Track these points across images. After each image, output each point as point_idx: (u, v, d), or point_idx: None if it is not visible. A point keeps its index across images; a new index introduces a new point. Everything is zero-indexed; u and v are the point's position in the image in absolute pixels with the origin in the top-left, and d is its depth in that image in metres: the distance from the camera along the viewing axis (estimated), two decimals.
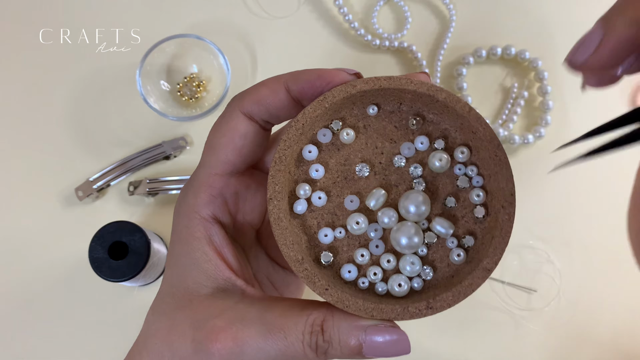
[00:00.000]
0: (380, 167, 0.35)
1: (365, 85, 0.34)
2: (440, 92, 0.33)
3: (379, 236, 0.34)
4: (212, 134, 0.30)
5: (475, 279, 0.32)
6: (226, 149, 0.29)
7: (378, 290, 0.35)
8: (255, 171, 0.32)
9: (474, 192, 0.34)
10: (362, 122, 0.35)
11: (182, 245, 0.29)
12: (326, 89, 0.29)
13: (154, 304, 0.29)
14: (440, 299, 0.34)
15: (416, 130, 0.35)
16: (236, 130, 0.29)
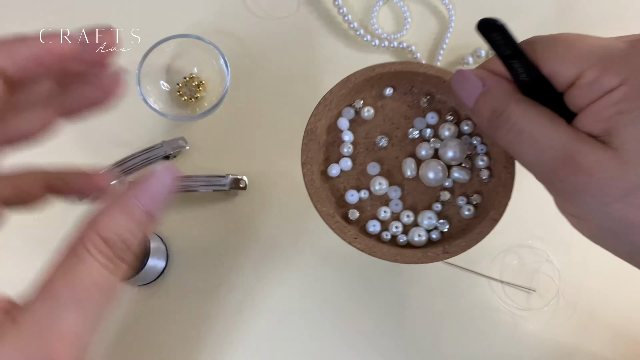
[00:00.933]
0: (397, 139, 0.42)
1: (382, 69, 0.40)
2: (447, 73, 0.40)
3: (398, 196, 0.41)
4: None
5: (484, 227, 0.41)
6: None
7: (400, 241, 0.41)
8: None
9: (479, 157, 0.41)
10: (380, 102, 0.42)
11: None
12: (54, 69, 0.24)
13: None
14: (455, 244, 0.41)
15: (427, 108, 0.42)
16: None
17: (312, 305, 0.54)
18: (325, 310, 0.54)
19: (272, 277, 0.54)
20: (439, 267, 0.54)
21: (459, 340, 0.54)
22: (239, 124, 0.57)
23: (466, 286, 0.54)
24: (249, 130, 0.56)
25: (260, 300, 0.54)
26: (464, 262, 0.54)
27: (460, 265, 0.54)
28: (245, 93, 0.57)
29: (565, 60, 0.30)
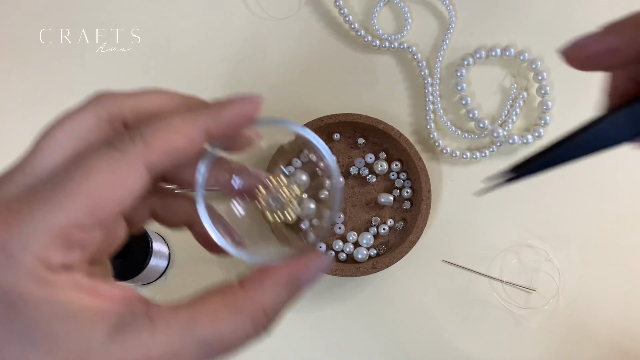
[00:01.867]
0: (341, 175, 0.55)
1: (329, 120, 0.53)
2: (379, 123, 0.53)
3: (342, 220, 0.55)
4: (94, 177, 0.21)
5: (404, 247, 0.52)
6: (109, 208, 0.21)
7: (340, 258, 0.54)
8: None
9: (405, 189, 0.55)
10: (329, 144, 0.55)
11: (43, 307, 0.20)
12: (246, 125, 0.25)
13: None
14: (381, 261, 0.52)
15: (365, 149, 0.55)
16: (130, 186, 0.21)
17: (309, 306, 0.54)
18: (325, 310, 0.54)
19: None
20: (440, 266, 0.54)
21: (460, 339, 0.54)
22: None
23: (467, 285, 0.54)
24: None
25: None
26: (465, 262, 0.54)
27: (461, 265, 0.54)
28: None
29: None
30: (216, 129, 0.23)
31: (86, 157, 0.21)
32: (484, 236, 0.55)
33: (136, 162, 0.21)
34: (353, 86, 0.58)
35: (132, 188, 0.22)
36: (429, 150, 0.57)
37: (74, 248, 0.21)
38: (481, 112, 0.57)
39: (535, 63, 0.57)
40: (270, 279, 0.24)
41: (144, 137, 0.22)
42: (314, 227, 0.32)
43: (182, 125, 0.22)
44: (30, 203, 0.21)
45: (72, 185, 0.21)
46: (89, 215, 0.21)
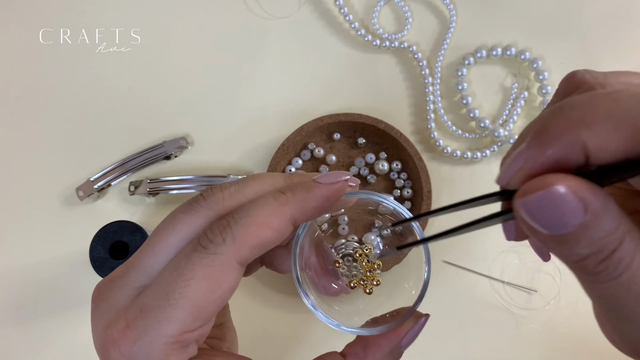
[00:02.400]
0: None
1: (329, 119, 0.53)
2: (380, 123, 0.53)
3: (346, 222, 0.51)
4: (193, 286, 0.23)
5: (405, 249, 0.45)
6: (211, 307, 0.23)
7: None
8: None
9: (405, 189, 0.54)
10: (329, 144, 0.55)
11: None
12: (330, 211, 0.26)
13: None
14: (385, 262, 0.43)
15: (365, 149, 0.55)
16: (228, 286, 0.24)
17: None
18: None
19: (272, 275, 0.54)
20: (441, 267, 0.54)
21: (460, 339, 0.54)
22: (239, 123, 0.57)
23: (467, 286, 0.54)
24: (250, 130, 0.56)
25: (259, 298, 0.54)
26: (465, 262, 0.54)
27: (462, 266, 0.54)
28: (247, 92, 0.57)
29: None
30: (303, 216, 0.25)
31: (184, 265, 0.23)
32: (484, 236, 0.55)
33: (229, 262, 0.23)
34: (353, 86, 0.58)
35: (229, 286, 0.24)
36: (429, 150, 0.57)
37: (189, 345, 0.24)
38: (482, 111, 0.57)
39: (536, 62, 0.57)
40: (373, 352, 0.26)
41: (234, 235, 0.23)
42: None
43: (269, 219, 0.24)
44: (143, 316, 0.23)
45: (176, 296, 0.23)
46: (196, 320, 0.23)
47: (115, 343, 0.23)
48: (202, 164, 0.56)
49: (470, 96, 0.57)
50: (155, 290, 0.24)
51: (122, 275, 0.25)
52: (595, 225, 0.19)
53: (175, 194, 0.54)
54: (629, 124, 0.18)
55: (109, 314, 0.24)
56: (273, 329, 0.53)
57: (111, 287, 0.25)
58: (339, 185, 0.26)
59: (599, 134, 0.18)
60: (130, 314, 0.23)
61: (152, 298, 0.23)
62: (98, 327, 0.24)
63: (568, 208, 0.19)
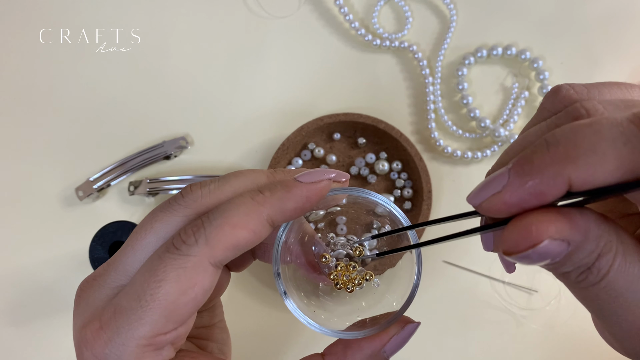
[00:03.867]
0: None
1: (329, 119, 0.53)
2: (380, 123, 0.53)
3: (344, 221, 0.47)
4: (165, 288, 0.23)
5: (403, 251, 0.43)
6: (184, 310, 0.23)
7: None
8: None
9: (405, 189, 0.54)
10: (329, 144, 0.55)
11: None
12: (312, 209, 0.26)
13: None
14: (383, 262, 0.44)
15: (365, 148, 0.55)
16: (201, 288, 0.23)
17: None
18: None
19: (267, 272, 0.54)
20: (441, 267, 0.54)
21: (461, 339, 0.54)
22: (239, 123, 0.57)
23: (468, 286, 0.54)
24: (250, 130, 0.56)
25: (259, 297, 0.54)
26: (466, 262, 0.54)
27: (462, 266, 0.54)
28: (246, 91, 0.57)
29: None
30: (281, 216, 0.24)
31: (156, 266, 0.23)
32: None
33: (201, 263, 0.23)
34: (353, 85, 0.57)
35: (202, 288, 0.23)
36: (429, 150, 0.56)
37: (164, 348, 0.24)
38: (482, 111, 0.57)
39: (537, 62, 0.57)
40: (353, 353, 0.26)
41: (207, 237, 0.23)
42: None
43: (245, 219, 0.23)
44: (116, 317, 0.23)
45: (147, 298, 0.23)
46: (167, 322, 0.23)
47: (88, 344, 0.23)
48: (202, 164, 0.56)
49: (471, 96, 0.57)
50: (128, 291, 0.23)
51: (102, 274, 0.25)
52: (577, 252, 0.20)
53: (175, 194, 0.53)
54: (612, 157, 0.18)
55: (86, 313, 0.24)
56: (267, 327, 0.53)
57: (92, 286, 0.25)
58: (321, 185, 0.25)
59: (583, 169, 0.18)
60: (104, 315, 0.23)
61: (125, 299, 0.23)
62: (76, 326, 0.24)
63: (552, 253, 0.20)
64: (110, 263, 0.25)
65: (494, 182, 0.20)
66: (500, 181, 0.20)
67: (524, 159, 0.20)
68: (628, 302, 0.21)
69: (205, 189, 0.25)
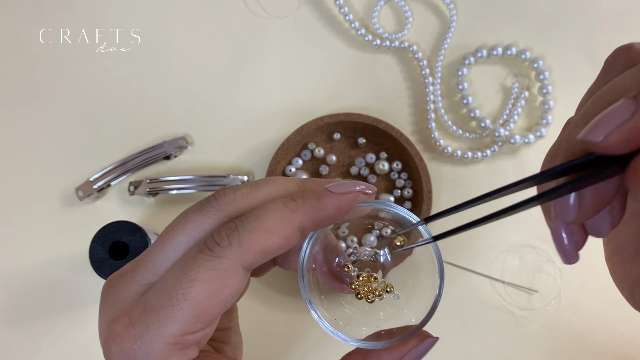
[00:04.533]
0: (342, 175, 0.55)
1: (329, 119, 0.53)
2: (380, 123, 0.53)
3: (346, 225, 0.43)
4: (197, 288, 0.23)
5: (406, 251, 0.41)
6: (213, 310, 0.24)
7: None
8: None
9: (405, 189, 0.54)
10: (329, 144, 0.55)
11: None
12: (341, 219, 0.26)
13: None
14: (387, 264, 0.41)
15: (365, 148, 0.55)
16: (231, 290, 0.24)
17: None
18: None
19: (272, 275, 0.54)
20: None
21: (461, 339, 0.54)
22: (239, 123, 0.57)
23: (468, 286, 0.54)
24: (250, 130, 0.56)
25: (259, 297, 0.54)
26: (466, 262, 0.54)
27: (462, 266, 0.54)
28: (246, 92, 0.57)
29: None
30: (312, 225, 0.25)
31: (189, 266, 0.23)
32: (485, 237, 0.55)
33: (234, 266, 0.23)
34: (353, 85, 0.57)
35: (232, 290, 0.24)
36: (430, 150, 0.56)
37: (190, 347, 0.24)
38: (482, 111, 0.57)
39: (537, 62, 0.57)
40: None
41: (241, 240, 0.23)
42: None
43: (277, 225, 0.24)
44: (146, 314, 0.23)
45: (179, 297, 0.23)
46: (197, 322, 0.23)
47: (117, 339, 0.23)
48: (202, 164, 0.56)
49: (471, 96, 0.57)
50: (159, 289, 0.24)
51: (131, 271, 0.25)
52: None
53: (175, 194, 0.53)
54: None
55: (115, 309, 0.24)
56: (272, 329, 0.53)
57: (120, 282, 0.25)
58: (352, 196, 0.25)
59: None
60: (134, 311, 0.24)
61: (156, 297, 0.24)
62: (103, 321, 0.24)
63: None
64: (139, 260, 0.25)
65: (616, 112, 0.19)
66: (627, 109, 0.18)
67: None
68: None
69: (238, 193, 0.25)
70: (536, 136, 0.55)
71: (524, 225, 0.55)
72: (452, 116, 0.57)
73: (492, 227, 0.55)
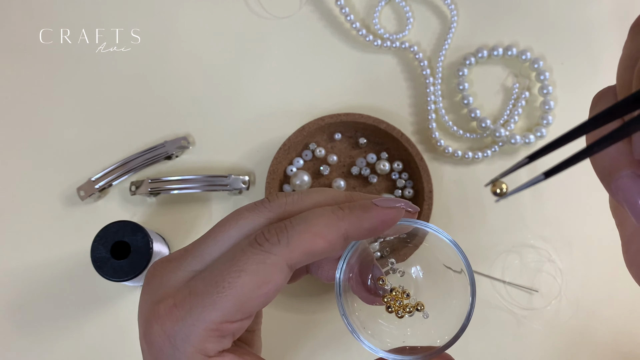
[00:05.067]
0: (343, 175, 0.55)
1: (330, 119, 0.53)
2: (381, 123, 0.53)
3: None
4: (243, 278, 0.24)
5: (407, 249, 0.44)
6: (255, 302, 0.25)
7: None
8: None
9: (406, 189, 0.54)
10: (330, 144, 0.55)
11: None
12: (382, 233, 0.27)
13: None
14: None
15: (366, 148, 0.55)
16: (275, 285, 0.25)
17: (312, 308, 0.54)
18: (326, 311, 0.54)
19: None
20: (442, 266, 0.54)
21: (461, 339, 0.54)
22: (240, 123, 0.57)
23: None
24: (251, 130, 0.56)
25: None
26: None
27: None
28: (248, 92, 0.57)
29: None
30: (355, 233, 0.26)
31: (238, 257, 0.24)
32: (485, 237, 0.55)
33: (280, 262, 0.24)
34: (354, 86, 0.57)
35: (276, 286, 0.25)
36: (430, 150, 0.57)
37: (226, 337, 0.25)
38: (483, 111, 0.57)
39: (537, 62, 0.57)
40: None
41: (289, 239, 0.25)
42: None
43: (324, 230, 0.25)
44: (191, 298, 0.24)
45: (225, 285, 0.24)
46: (238, 312, 0.24)
47: (160, 319, 0.24)
48: (203, 164, 0.56)
49: (472, 96, 0.57)
50: (207, 276, 0.25)
51: (179, 258, 0.26)
52: None
53: (177, 194, 0.53)
54: None
55: (160, 291, 0.25)
56: (278, 330, 0.53)
57: (167, 267, 0.26)
58: (396, 211, 0.26)
59: None
60: (179, 295, 0.25)
61: (202, 283, 0.25)
62: (147, 302, 0.25)
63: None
64: (189, 249, 0.26)
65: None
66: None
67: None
68: None
69: (290, 198, 0.27)
70: (537, 136, 0.56)
71: (524, 225, 0.55)
72: (453, 116, 0.57)
73: (493, 227, 0.55)
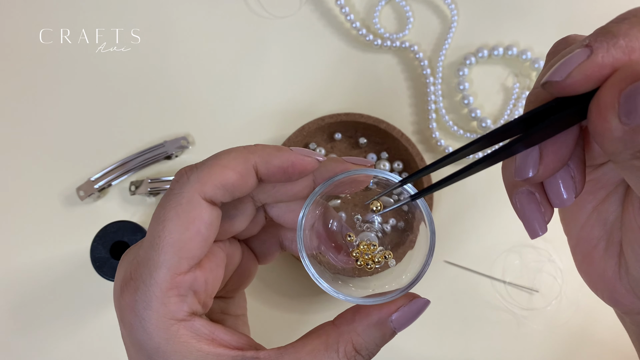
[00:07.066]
0: None
1: (330, 119, 0.53)
2: (381, 123, 0.53)
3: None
4: (168, 226, 0.25)
5: (405, 248, 0.42)
6: (191, 245, 0.25)
7: None
8: None
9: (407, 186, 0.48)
10: (330, 144, 0.55)
11: (172, 357, 0.25)
12: (295, 178, 0.27)
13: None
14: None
15: (367, 149, 0.55)
16: (201, 221, 0.25)
17: (313, 308, 0.54)
18: (327, 311, 0.54)
19: (272, 275, 0.54)
20: (442, 267, 0.54)
21: (462, 339, 0.54)
22: (240, 123, 0.57)
23: (468, 286, 0.54)
24: (251, 130, 0.56)
25: (258, 295, 0.54)
26: (467, 262, 0.54)
27: (463, 266, 0.54)
28: (248, 91, 0.57)
29: None
30: (265, 168, 0.26)
31: (159, 211, 0.25)
32: (486, 236, 0.55)
33: (194, 197, 0.25)
34: (354, 85, 0.57)
35: (202, 221, 0.25)
36: (430, 150, 0.56)
37: (187, 295, 0.25)
38: (483, 111, 0.57)
39: (538, 62, 0.57)
40: (360, 318, 0.27)
41: (198, 175, 0.25)
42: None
43: (233, 162, 0.26)
44: (140, 267, 0.25)
45: (157, 241, 0.25)
46: (180, 260, 0.25)
47: (122, 295, 0.25)
48: None
49: (472, 96, 0.57)
50: (144, 243, 0.26)
51: (139, 242, 0.28)
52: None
53: None
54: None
55: (121, 272, 0.26)
56: (275, 330, 0.53)
57: (128, 252, 0.27)
58: (309, 160, 0.27)
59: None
60: (130, 268, 0.26)
61: (143, 250, 0.25)
62: (116, 287, 0.26)
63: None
64: None
65: (575, 56, 0.20)
66: (583, 52, 0.20)
67: (603, 29, 0.20)
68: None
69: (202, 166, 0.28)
70: None
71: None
72: (453, 116, 0.57)
73: (493, 226, 0.55)
